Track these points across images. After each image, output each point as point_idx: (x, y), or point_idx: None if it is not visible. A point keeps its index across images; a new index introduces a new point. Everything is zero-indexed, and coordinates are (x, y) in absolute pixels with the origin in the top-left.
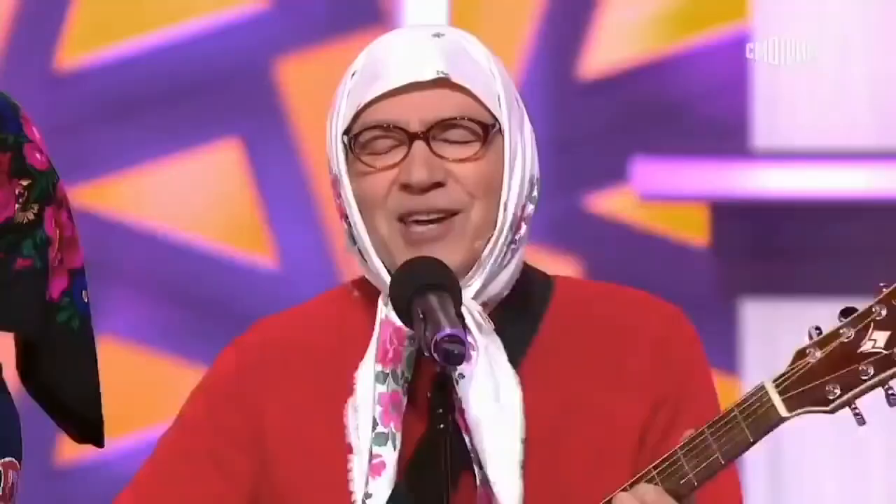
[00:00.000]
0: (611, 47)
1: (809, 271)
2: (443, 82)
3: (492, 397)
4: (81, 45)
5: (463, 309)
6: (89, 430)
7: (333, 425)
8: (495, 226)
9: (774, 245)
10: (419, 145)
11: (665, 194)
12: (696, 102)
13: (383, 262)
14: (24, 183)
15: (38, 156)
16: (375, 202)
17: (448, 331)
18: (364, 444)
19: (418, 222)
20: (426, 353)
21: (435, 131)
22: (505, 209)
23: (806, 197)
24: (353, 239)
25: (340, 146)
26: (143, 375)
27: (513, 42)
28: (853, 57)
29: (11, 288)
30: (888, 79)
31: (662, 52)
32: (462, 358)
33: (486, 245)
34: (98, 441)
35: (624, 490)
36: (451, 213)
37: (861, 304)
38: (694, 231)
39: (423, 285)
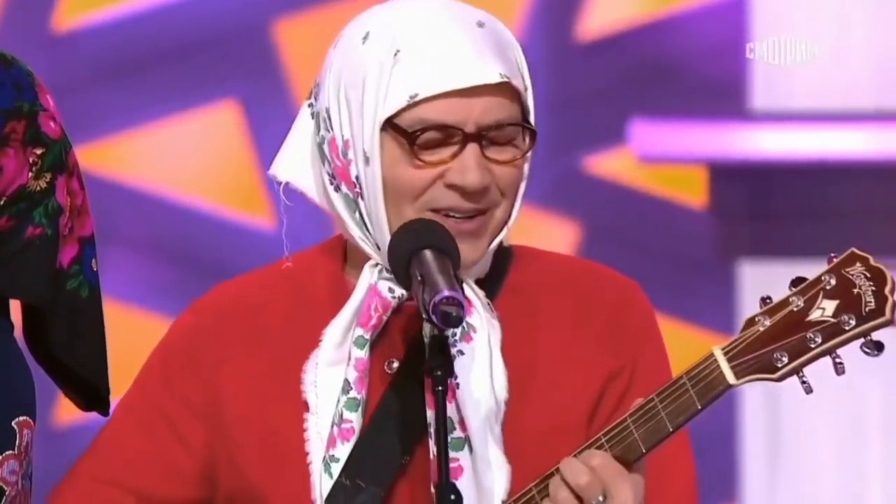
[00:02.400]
0: (609, 8)
1: (807, 233)
2: (502, 86)
3: (487, 380)
4: (78, 6)
5: (469, 292)
6: (95, 397)
7: (290, 386)
8: (505, 223)
9: (773, 206)
10: (473, 148)
11: (663, 156)
12: (695, 64)
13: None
14: (38, 151)
15: (51, 124)
16: (411, 194)
17: (446, 293)
18: (326, 404)
19: (452, 217)
20: (423, 316)
21: (487, 133)
22: (519, 202)
23: (804, 159)
24: (354, 204)
25: (378, 127)
26: (139, 336)
27: (512, 3)
28: (852, 19)
29: (21, 256)
30: (887, 40)
31: (661, 13)
32: (460, 321)
33: (499, 234)
34: (104, 409)
35: (573, 457)
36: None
37: None
38: (692, 192)
39: (422, 247)
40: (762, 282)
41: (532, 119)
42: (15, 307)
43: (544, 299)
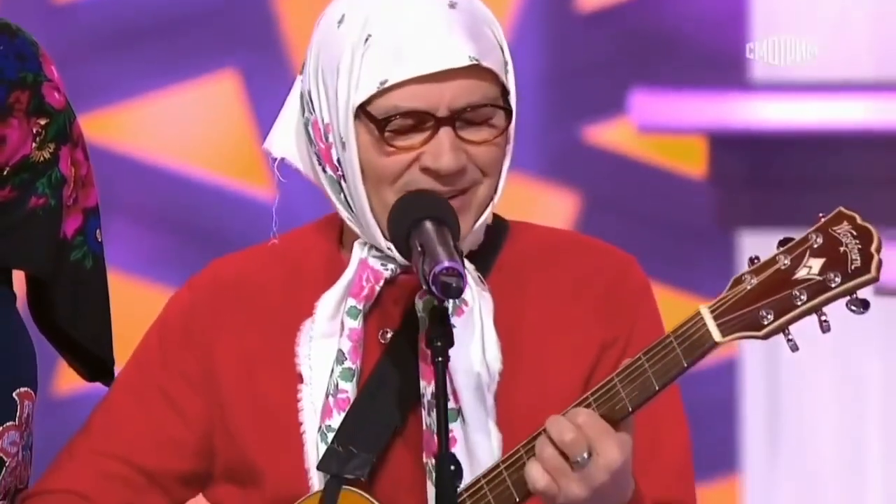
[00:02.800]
0: None
1: (807, 202)
2: (473, 68)
3: (479, 352)
4: None
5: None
6: (100, 368)
7: (284, 359)
8: (491, 200)
9: (772, 176)
10: (446, 131)
11: (663, 126)
12: (695, 34)
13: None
14: (42, 122)
15: (55, 95)
16: (389, 178)
17: (447, 263)
18: (320, 375)
19: None
20: (423, 286)
21: (460, 115)
22: (502, 179)
23: (804, 129)
24: (338, 186)
25: (351, 114)
26: (139, 306)
27: None
28: None
29: (25, 226)
30: (887, 11)
31: None
32: (461, 291)
33: (485, 210)
34: (108, 380)
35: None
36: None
37: None
38: (692, 162)
39: (422, 218)
40: (762, 251)
41: (512, 95)
42: (19, 278)
43: (538, 274)
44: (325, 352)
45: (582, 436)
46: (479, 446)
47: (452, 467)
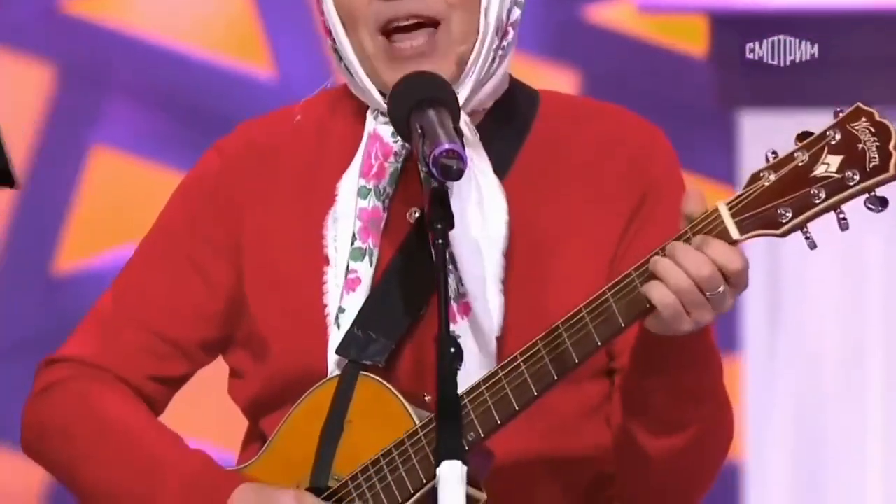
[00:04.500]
0: None
1: (808, 83)
2: None
3: (476, 208)
4: None
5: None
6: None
7: (311, 236)
8: (478, 33)
9: (773, 56)
10: None
11: (664, 5)
12: None
13: (371, 79)
14: None
15: None
16: (356, 14)
17: (446, 146)
18: (342, 257)
19: (400, 31)
20: (424, 168)
21: None
22: (486, 15)
23: (805, 8)
24: (338, 55)
25: None
26: (138, 185)
27: None
28: None
29: None
30: None
31: None
32: (461, 173)
33: (471, 52)
34: (10, 182)
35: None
36: (431, 24)
37: None
38: (692, 41)
39: (422, 100)
40: (761, 131)
41: None
42: None
43: (571, 144)
44: (345, 232)
45: (717, 270)
46: (479, 309)
47: (453, 350)
